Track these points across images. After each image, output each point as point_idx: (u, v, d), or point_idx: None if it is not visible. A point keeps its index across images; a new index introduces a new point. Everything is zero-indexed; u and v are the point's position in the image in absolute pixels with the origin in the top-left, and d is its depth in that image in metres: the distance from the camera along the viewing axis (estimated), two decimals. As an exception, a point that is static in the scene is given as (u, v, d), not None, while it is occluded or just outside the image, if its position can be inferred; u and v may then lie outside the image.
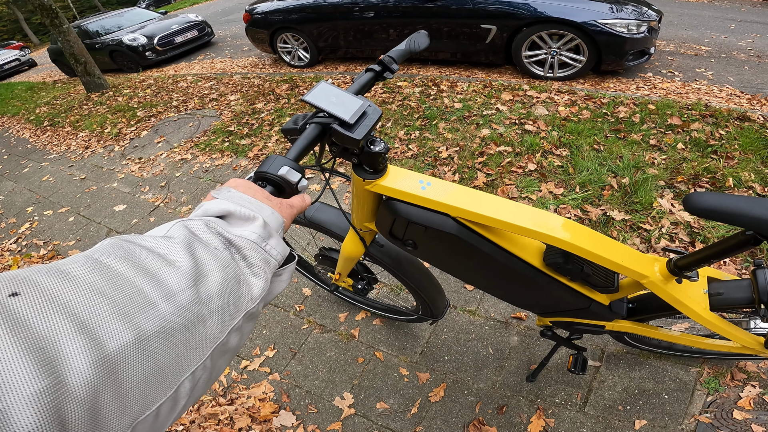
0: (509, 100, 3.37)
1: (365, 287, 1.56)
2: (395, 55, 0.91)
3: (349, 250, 1.24)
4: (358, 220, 1.05)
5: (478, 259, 0.97)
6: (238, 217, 0.44)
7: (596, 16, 3.60)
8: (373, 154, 0.78)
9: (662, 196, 2.19)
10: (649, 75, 4.06)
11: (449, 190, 0.89)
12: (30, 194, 3.83)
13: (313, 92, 0.67)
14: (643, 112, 2.92)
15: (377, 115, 0.71)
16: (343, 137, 0.67)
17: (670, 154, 2.49)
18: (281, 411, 1.63)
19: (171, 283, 0.33)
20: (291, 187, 0.56)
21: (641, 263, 0.90)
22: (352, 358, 1.77)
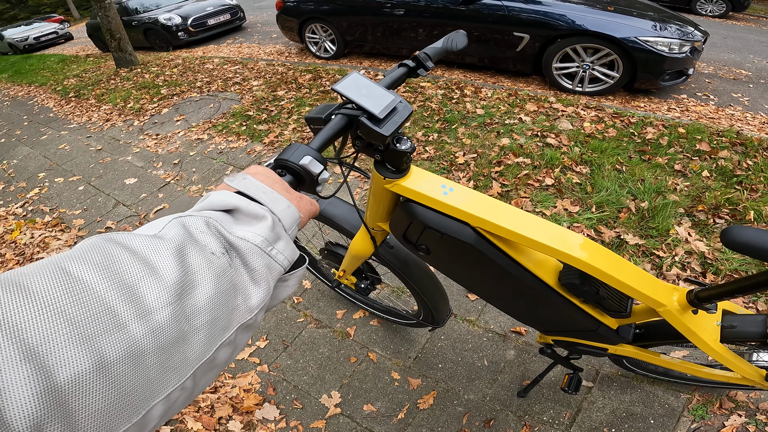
0: (533, 111, 3.33)
1: (368, 287, 1.55)
2: (431, 53, 0.90)
3: (358, 249, 1.23)
4: (372, 218, 1.04)
5: (491, 271, 0.96)
6: (246, 213, 0.40)
7: (638, 33, 3.53)
8: (398, 153, 0.76)
9: (680, 224, 2.14)
10: (683, 96, 3.98)
11: (472, 198, 0.87)
12: (44, 160, 3.92)
13: (344, 82, 0.66)
14: (672, 135, 2.84)
15: (407, 112, 0.69)
16: (370, 132, 0.65)
17: (694, 181, 2.43)
18: (265, 404, 1.63)
19: (150, 298, 0.29)
20: (312, 178, 0.54)
21: (660, 292, 0.89)
22: (345, 357, 1.76)
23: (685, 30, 3.71)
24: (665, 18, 3.82)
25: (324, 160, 0.56)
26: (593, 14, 3.68)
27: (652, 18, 3.72)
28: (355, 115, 0.66)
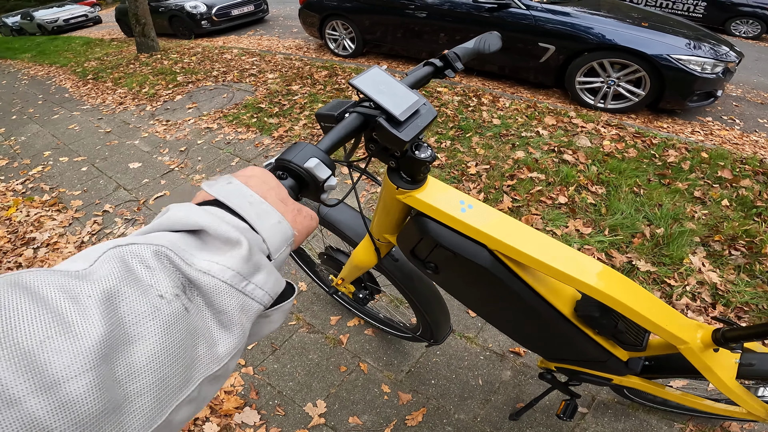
0: (551, 125, 3.26)
1: (366, 297, 1.50)
2: (461, 53, 0.84)
3: (360, 259, 1.17)
4: (378, 229, 0.98)
5: (504, 297, 0.90)
6: (215, 237, 0.32)
7: (670, 51, 3.44)
8: (416, 161, 0.70)
9: (694, 253, 2.08)
10: (709, 119, 3.88)
11: (491, 218, 0.81)
12: (52, 139, 3.95)
13: (362, 76, 0.60)
14: (695, 159, 2.76)
15: (431, 116, 0.64)
16: (388, 135, 0.60)
17: (713, 209, 2.35)
18: (246, 408, 1.59)
19: (57, 364, 0.22)
20: (317, 184, 0.49)
21: (684, 329, 0.85)
22: (335, 365, 1.72)
23: (720, 50, 3.61)
24: (700, 36, 3.72)
25: (332, 164, 0.51)
26: (625, 29, 3.60)
27: (685, 35, 3.62)
28: (372, 115, 0.60)
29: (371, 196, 2.62)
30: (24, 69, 7.35)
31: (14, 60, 8.21)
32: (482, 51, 0.88)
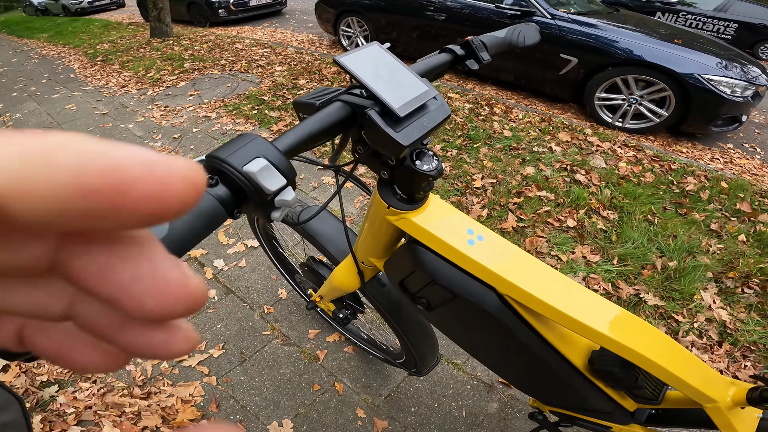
0: (565, 142, 3.13)
1: (348, 317, 1.37)
2: (489, 42, 0.70)
3: (341, 281, 1.03)
4: (364, 250, 0.84)
5: (508, 345, 0.77)
6: None
7: (701, 70, 3.28)
8: (416, 175, 0.56)
9: (706, 289, 1.98)
10: (729, 146, 3.73)
11: (506, 255, 0.66)
12: (47, 117, 3.92)
13: (355, 54, 0.47)
14: (714, 189, 2.64)
15: (442, 115, 0.50)
16: (380, 135, 0.47)
17: (729, 244, 2.24)
18: (203, 421, 1.47)
19: None
20: (262, 197, 0.37)
21: (715, 387, 0.74)
22: (308, 383, 1.60)
23: (752, 72, 3.45)
24: (731, 56, 3.56)
25: (291, 171, 0.38)
26: (655, 45, 3.45)
27: (716, 54, 3.46)
28: (360, 106, 0.46)
29: (366, 202, 2.49)
30: (37, 48, 7.39)
31: (31, 39, 8.27)
32: (515, 43, 0.74)
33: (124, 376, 1.61)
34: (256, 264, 2.06)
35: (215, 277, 2.00)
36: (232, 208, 0.37)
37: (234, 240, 2.19)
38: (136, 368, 1.63)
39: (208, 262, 2.08)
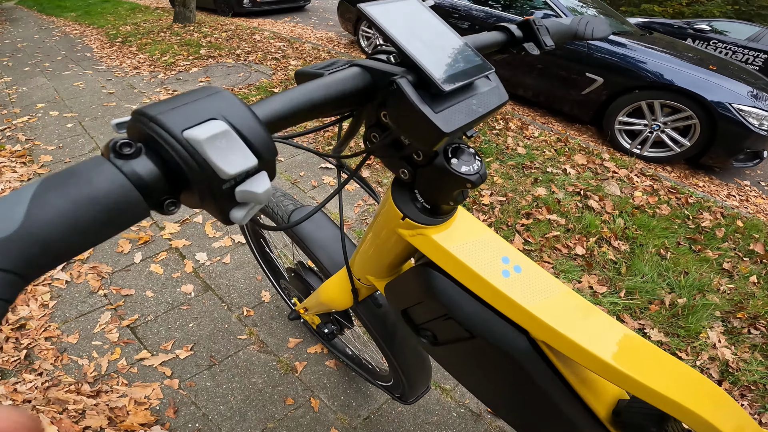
0: (581, 165, 3.02)
1: (333, 332, 1.25)
2: (552, 28, 0.57)
3: (331, 297, 0.90)
4: (362, 267, 0.71)
5: (526, 391, 0.61)
6: None
7: (732, 98, 3.13)
8: (449, 178, 0.42)
9: (712, 328, 1.92)
10: (746, 183, 3.61)
11: (548, 293, 0.51)
12: (53, 93, 3.87)
13: (387, 4, 0.35)
14: (730, 227, 2.55)
15: (497, 101, 0.38)
16: (410, 114, 0.34)
17: (739, 285, 2.16)
18: (156, 427, 1.36)
19: None
20: (214, 183, 0.26)
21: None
22: (281, 396, 1.49)
23: None
24: (762, 86, 3.40)
25: (269, 148, 0.28)
26: (687, 69, 3.30)
27: (748, 82, 3.31)
28: (385, 73, 0.34)
29: (369, 207, 2.39)
30: (62, 27, 7.40)
31: (58, 18, 8.31)
32: (581, 34, 0.61)
33: (75, 371, 1.51)
34: (242, 262, 1.95)
35: (195, 271, 1.89)
36: (159, 195, 0.26)
37: (221, 233, 2.09)
38: (89, 363, 1.53)
39: (189, 254, 1.97)
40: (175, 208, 0.27)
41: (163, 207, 0.26)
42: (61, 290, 1.77)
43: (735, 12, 9.03)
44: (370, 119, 0.40)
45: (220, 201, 0.27)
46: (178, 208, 0.28)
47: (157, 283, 1.83)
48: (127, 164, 0.24)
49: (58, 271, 1.83)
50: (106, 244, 1.98)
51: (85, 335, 1.61)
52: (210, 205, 0.27)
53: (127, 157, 0.25)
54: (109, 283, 1.82)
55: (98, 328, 1.64)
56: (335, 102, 0.33)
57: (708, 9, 9.12)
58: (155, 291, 1.80)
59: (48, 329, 1.62)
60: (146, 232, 2.06)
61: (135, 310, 1.72)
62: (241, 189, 0.27)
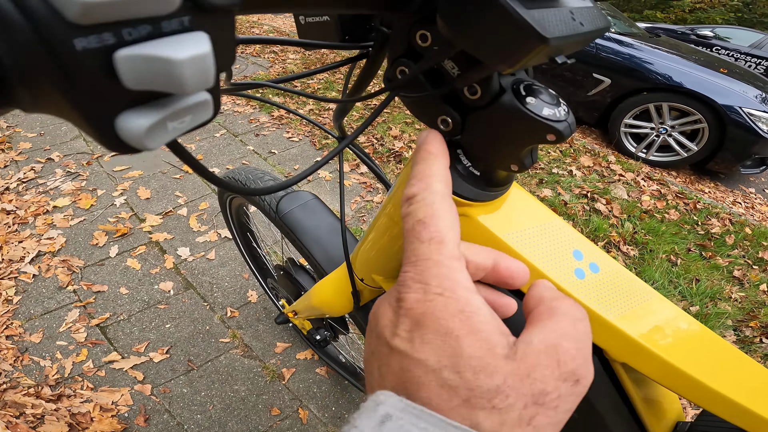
0: (587, 167, 2.94)
1: (326, 339, 1.12)
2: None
3: (325, 301, 0.77)
4: (367, 264, 0.57)
5: (579, 412, 0.47)
6: None
7: (743, 102, 3.06)
8: (523, 123, 0.28)
9: (724, 337, 1.90)
10: (751, 191, 3.58)
11: (635, 299, 0.39)
12: None
13: None
14: (739, 234, 2.52)
15: (602, 22, 0.27)
16: (487, 10, 0.21)
17: (750, 293, 2.13)
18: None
19: None
20: (52, 38, 0.13)
21: None
22: (266, 405, 1.37)
23: None
24: None
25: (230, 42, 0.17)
26: (698, 72, 3.22)
27: (756, 86, 3.25)
28: None
29: (367, 204, 2.26)
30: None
31: None
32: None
33: (36, 372, 1.38)
34: (228, 258, 1.81)
35: (176, 267, 1.75)
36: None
37: (207, 227, 1.95)
38: (51, 364, 1.39)
39: (170, 248, 1.83)
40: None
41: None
42: (27, 285, 1.62)
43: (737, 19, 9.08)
44: (398, 48, 0.29)
45: (76, 83, 0.14)
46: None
47: (133, 279, 1.69)
48: None
49: (26, 263, 1.68)
50: (80, 236, 1.84)
51: (50, 334, 1.48)
52: (55, 96, 0.14)
53: None
54: (80, 278, 1.67)
55: (64, 327, 1.50)
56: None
57: (710, 16, 9.16)
58: (130, 288, 1.66)
59: (10, 327, 1.48)
60: (124, 224, 1.92)
61: (107, 308, 1.58)
62: (131, 53, 0.14)
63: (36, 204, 1.97)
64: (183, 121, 0.17)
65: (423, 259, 0.23)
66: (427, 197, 0.24)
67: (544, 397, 0.20)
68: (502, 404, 0.20)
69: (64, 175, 2.17)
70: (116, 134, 0.15)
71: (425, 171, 0.26)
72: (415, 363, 0.21)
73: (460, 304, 0.22)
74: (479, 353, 0.20)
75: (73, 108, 0.14)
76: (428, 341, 0.21)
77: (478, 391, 0.20)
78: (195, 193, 2.14)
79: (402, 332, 0.22)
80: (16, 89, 0.13)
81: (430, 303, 0.22)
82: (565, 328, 0.23)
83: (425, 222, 0.24)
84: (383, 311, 0.24)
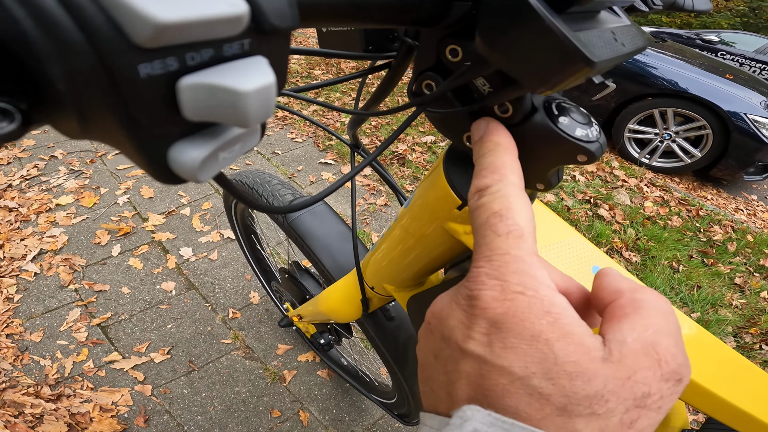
0: (590, 172, 2.95)
1: (330, 343, 1.12)
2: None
3: (333, 308, 0.77)
4: (378, 272, 0.57)
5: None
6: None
7: (747, 108, 3.06)
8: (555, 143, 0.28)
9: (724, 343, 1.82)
10: (754, 198, 3.58)
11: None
12: None
13: None
14: (741, 242, 2.52)
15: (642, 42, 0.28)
16: (531, 30, 0.20)
17: (751, 300, 2.14)
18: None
19: None
20: (115, 63, 0.12)
21: None
22: (266, 407, 1.37)
23: None
24: None
25: (286, 8, 0.15)
26: (704, 77, 3.22)
27: (763, 93, 3.25)
28: None
29: (369, 207, 2.26)
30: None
31: None
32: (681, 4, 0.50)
33: (36, 372, 1.37)
34: (230, 259, 1.81)
35: (178, 267, 1.75)
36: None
37: (210, 227, 1.95)
38: (52, 364, 1.39)
39: (173, 248, 1.83)
40: (6, 123, 0.12)
41: None
42: (28, 283, 1.62)
43: (743, 24, 9.06)
44: (425, 61, 0.28)
45: (134, 112, 0.13)
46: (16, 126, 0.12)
47: (135, 279, 1.68)
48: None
49: (28, 261, 1.68)
50: (82, 234, 1.83)
51: (50, 333, 1.47)
52: (108, 124, 0.13)
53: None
54: (82, 276, 1.67)
55: (65, 326, 1.49)
56: (391, 6, 0.21)
57: (716, 21, 9.15)
58: (132, 287, 1.65)
59: (10, 325, 1.47)
60: (127, 223, 1.91)
61: (108, 307, 1.58)
62: (196, 81, 0.13)
63: (39, 201, 1.96)
64: (233, 151, 0.16)
65: (500, 254, 0.21)
66: (502, 188, 0.23)
67: (646, 399, 0.19)
68: (602, 410, 0.18)
69: (68, 173, 2.17)
70: (168, 166, 0.15)
71: (496, 162, 0.24)
72: (497, 370, 0.19)
73: (545, 305, 0.20)
74: (574, 358, 0.19)
75: (127, 137, 0.13)
76: (511, 346, 0.19)
77: (575, 399, 0.18)
78: (198, 193, 2.14)
79: (477, 335, 0.20)
80: (65, 116, 0.13)
81: (510, 303, 0.20)
82: (658, 323, 0.21)
83: (502, 214, 0.22)
84: (450, 311, 0.22)
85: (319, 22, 0.20)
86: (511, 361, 0.19)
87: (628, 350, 0.19)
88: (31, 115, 0.13)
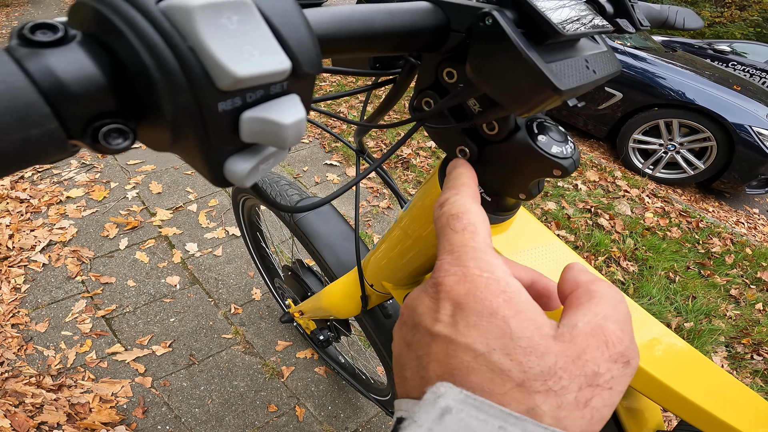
0: (592, 182, 2.94)
1: (329, 339, 1.15)
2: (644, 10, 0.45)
3: (334, 304, 0.80)
4: (378, 271, 0.60)
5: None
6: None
7: (752, 121, 3.03)
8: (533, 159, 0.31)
9: (716, 353, 1.92)
10: (755, 211, 3.55)
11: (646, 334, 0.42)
12: None
13: None
14: (739, 254, 2.52)
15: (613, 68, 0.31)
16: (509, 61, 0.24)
17: (745, 311, 2.15)
18: (120, 427, 1.25)
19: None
20: (204, 102, 0.16)
21: None
22: (264, 402, 1.39)
23: None
24: None
25: (315, 56, 0.19)
26: (711, 89, 3.19)
27: (765, 103, 3.22)
28: (474, 9, 0.25)
29: (372, 209, 2.27)
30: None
31: None
32: (672, 22, 0.51)
33: (39, 362, 1.40)
34: (234, 255, 1.83)
35: (183, 262, 1.77)
36: (91, 112, 0.15)
37: (215, 224, 1.97)
38: (55, 354, 1.41)
39: (179, 243, 1.86)
40: (122, 140, 0.16)
41: (98, 135, 0.15)
42: (36, 273, 1.65)
43: (756, 34, 8.95)
44: (425, 80, 0.31)
45: (211, 135, 0.17)
46: (129, 142, 0.16)
47: (141, 272, 1.71)
48: (35, 56, 0.14)
49: (37, 252, 1.71)
50: (91, 227, 1.86)
51: (55, 324, 1.50)
52: (190, 142, 0.17)
53: (40, 46, 0.14)
54: (89, 268, 1.70)
55: (70, 317, 1.52)
56: (396, 37, 0.25)
57: (729, 30, 9.05)
58: (138, 280, 1.68)
59: (16, 315, 1.50)
60: (135, 217, 1.94)
61: (113, 299, 1.60)
62: (253, 115, 0.18)
63: (50, 194, 2.00)
64: (268, 163, 0.20)
65: (459, 246, 0.23)
66: (458, 199, 0.26)
67: (597, 378, 0.20)
68: (557, 386, 0.19)
69: (79, 167, 2.20)
70: (223, 173, 0.19)
71: (455, 182, 0.29)
72: (462, 348, 0.20)
73: (501, 285, 0.21)
74: (528, 333, 0.20)
75: (201, 153, 0.18)
76: (473, 324, 0.21)
77: (531, 374, 0.19)
78: (205, 190, 2.16)
79: (443, 317, 0.22)
80: (160, 136, 0.17)
81: (470, 284, 0.21)
82: (607, 310, 0.22)
83: (459, 216, 0.25)
84: (420, 300, 0.24)
85: (336, 54, 0.23)
86: (474, 338, 0.20)
87: (578, 332, 0.21)
88: (137, 134, 0.17)
